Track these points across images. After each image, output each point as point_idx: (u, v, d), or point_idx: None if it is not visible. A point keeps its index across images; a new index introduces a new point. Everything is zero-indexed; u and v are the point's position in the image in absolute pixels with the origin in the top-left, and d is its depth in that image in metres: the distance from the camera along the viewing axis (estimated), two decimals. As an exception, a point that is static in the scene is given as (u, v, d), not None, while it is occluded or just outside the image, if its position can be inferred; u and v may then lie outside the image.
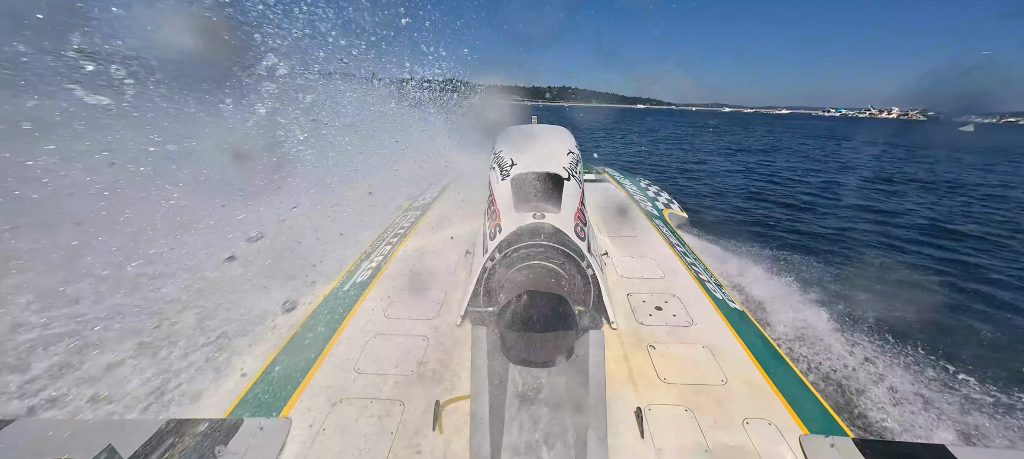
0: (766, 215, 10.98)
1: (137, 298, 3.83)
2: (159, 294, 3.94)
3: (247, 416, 1.99)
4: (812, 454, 1.83)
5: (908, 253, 8.33)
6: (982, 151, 31.46)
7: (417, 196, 6.44)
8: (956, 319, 5.46)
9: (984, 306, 5.96)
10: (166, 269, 4.26)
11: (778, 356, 2.65)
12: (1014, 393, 3.64)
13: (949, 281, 6.80)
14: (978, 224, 10.42)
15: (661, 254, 4.01)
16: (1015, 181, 17.61)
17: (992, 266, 7.57)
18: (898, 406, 3.36)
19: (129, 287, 3.92)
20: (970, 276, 7.09)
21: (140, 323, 3.54)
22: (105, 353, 3.18)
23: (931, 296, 6.02)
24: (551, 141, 3.70)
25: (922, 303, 5.44)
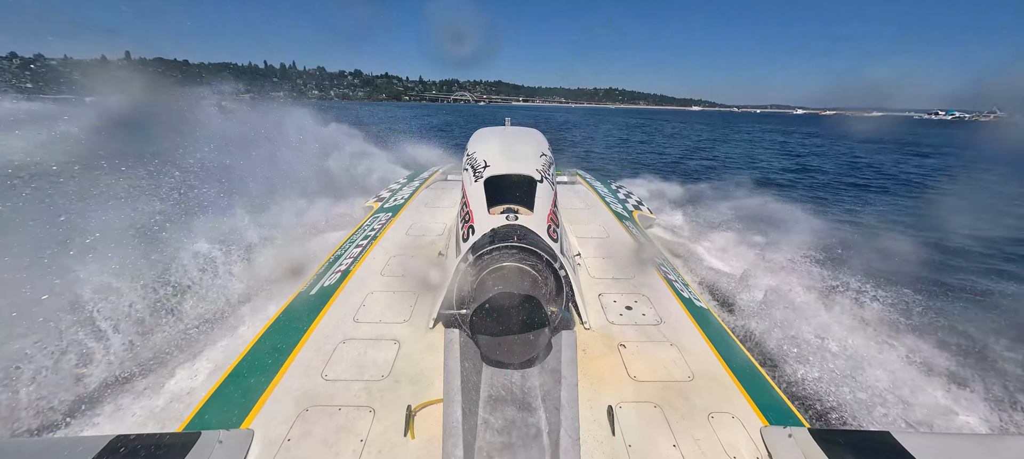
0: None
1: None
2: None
3: (205, 429, 1.89)
4: (772, 445, 1.92)
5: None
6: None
7: (387, 198, 6.31)
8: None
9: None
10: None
11: (741, 352, 2.77)
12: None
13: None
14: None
15: (631, 255, 4.11)
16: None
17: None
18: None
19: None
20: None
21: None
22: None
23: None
24: (524, 143, 3.72)
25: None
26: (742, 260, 6.29)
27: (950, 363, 3.93)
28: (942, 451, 1.44)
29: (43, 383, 3.17)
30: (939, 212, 10.64)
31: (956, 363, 3.93)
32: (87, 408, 3.12)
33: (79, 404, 3.14)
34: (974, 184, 16.25)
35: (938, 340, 4.26)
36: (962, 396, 3.55)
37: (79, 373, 3.37)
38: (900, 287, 5.27)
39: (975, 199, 12.72)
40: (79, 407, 3.12)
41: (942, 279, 6.35)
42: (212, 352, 3.71)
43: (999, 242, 8.26)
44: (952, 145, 34.47)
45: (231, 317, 4.29)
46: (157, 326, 4.03)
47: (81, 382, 3.32)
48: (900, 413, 3.27)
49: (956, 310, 5.12)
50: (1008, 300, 5.70)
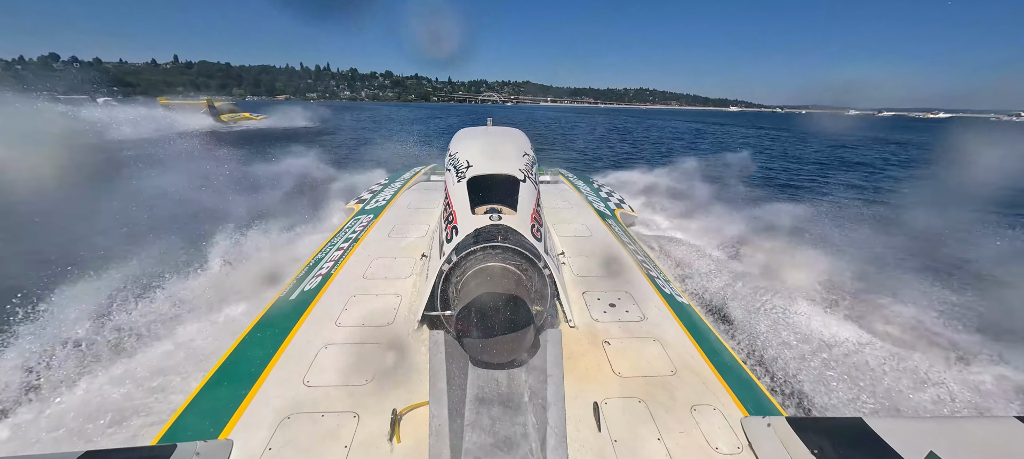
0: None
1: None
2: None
3: (181, 441, 1.82)
4: (752, 434, 1.98)
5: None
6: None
7: (369, 199, 6.22)
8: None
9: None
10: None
11: (721, 345, 2.84)
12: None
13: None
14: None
15: (614, 253, 4.16)
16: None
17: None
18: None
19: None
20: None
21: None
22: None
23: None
24: (506, 143, 3.72)
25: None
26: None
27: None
28: (911, 434, 1.50)
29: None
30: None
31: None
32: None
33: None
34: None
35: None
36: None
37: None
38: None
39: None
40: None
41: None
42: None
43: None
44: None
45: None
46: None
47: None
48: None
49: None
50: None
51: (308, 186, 11.21)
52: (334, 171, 13.11)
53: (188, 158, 14.15)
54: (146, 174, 11.06)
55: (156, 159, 13.93)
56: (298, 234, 6.67)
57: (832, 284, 5.43)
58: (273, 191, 10.40)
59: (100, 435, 2.73)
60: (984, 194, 10.73)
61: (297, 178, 12.04)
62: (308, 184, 11.48)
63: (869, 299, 5.07)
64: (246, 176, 12.09)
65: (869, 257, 6.69)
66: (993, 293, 5.34)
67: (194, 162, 13.30)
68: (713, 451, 1.93)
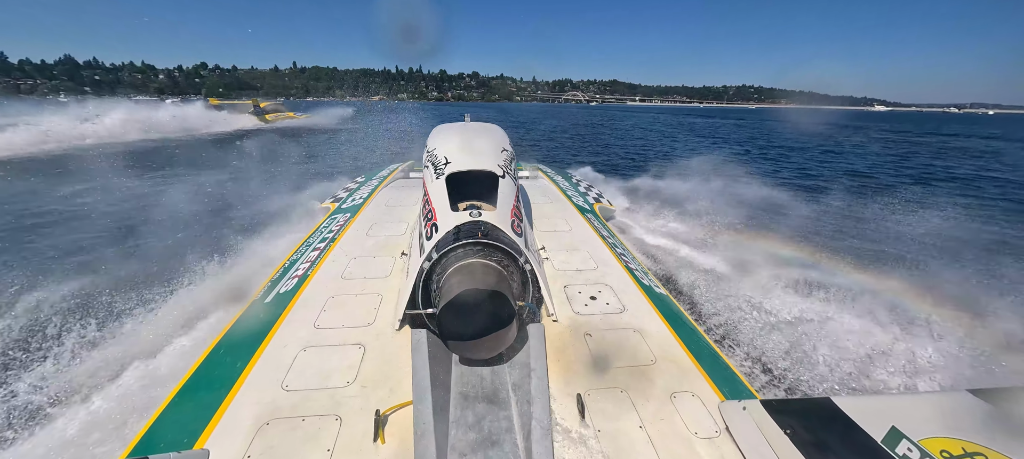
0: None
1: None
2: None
3: (153, 453, 1.75)
4: (729, 417, 2.05)
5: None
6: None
7: (345, 198, 6.09)
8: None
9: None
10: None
11: (697, 333, 2.92)
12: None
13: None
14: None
15: (593, 246, 4.21)
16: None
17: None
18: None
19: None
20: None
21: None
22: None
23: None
24: (485, 139, 3.71)
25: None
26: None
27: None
28: (874, 410, 1.59)
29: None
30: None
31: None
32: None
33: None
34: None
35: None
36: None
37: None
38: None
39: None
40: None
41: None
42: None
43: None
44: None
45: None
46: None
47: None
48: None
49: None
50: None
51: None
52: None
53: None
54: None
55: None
56: (270, 236, 6.52)
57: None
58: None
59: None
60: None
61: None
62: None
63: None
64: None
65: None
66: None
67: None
68: (692, 436, 2.00)
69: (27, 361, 3.74)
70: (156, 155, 17.24)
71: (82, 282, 5.13)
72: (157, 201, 9.17)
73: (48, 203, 9.09)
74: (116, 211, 8.76)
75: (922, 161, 21.68)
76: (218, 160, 14.33)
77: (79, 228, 7.54)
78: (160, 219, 7.75)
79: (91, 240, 6.94)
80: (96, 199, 9.44)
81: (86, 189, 10.21)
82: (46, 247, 6.67)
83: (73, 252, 6.46)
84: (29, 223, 7.85)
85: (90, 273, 5.41)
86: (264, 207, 8.42)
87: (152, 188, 10.83)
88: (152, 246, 6.63)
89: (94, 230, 7.41)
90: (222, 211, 8.42)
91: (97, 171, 12.26)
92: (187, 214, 8.04)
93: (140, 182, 11.45)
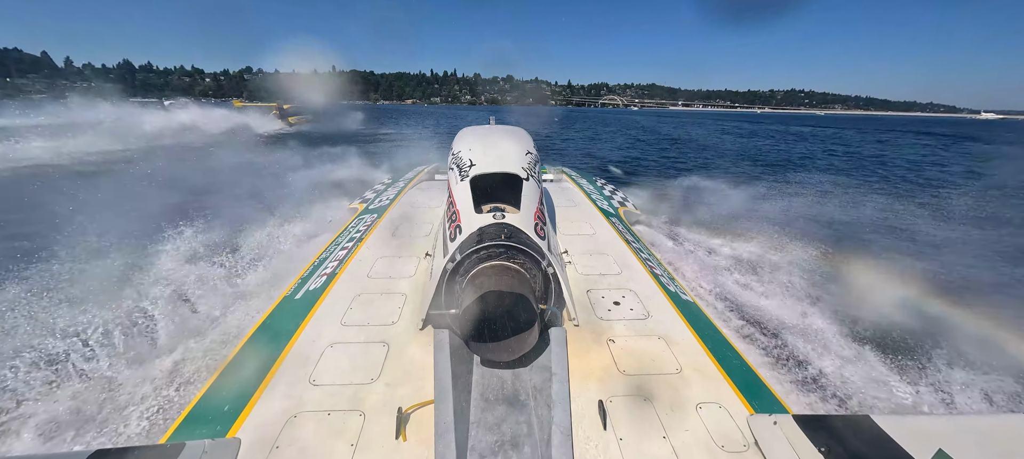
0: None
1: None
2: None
3: (189, 440, 1.84)
4: (758, 432, 1.97)
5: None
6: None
7: (372, 199, 6.24)
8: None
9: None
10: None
11: (726, 342, 2.82)
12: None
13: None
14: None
15: (618, 251, 4.15)
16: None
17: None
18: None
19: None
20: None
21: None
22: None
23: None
24: (509, 141, 3.72)
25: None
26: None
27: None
28: (919, 431, 1.49)
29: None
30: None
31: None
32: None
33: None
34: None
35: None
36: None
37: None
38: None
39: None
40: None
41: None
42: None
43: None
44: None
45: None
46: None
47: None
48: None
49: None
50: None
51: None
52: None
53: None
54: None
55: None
56: (303, 235, 6.74)
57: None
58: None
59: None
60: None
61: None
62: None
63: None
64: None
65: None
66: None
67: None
68: (719, 450, 1.92)
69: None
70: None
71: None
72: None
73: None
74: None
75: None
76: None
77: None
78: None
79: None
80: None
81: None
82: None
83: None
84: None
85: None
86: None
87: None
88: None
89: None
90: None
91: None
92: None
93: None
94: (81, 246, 5.70)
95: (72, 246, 5.66)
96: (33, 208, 8.00)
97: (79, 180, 10.21)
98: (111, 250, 5.65)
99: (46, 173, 12.23)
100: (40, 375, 3.29)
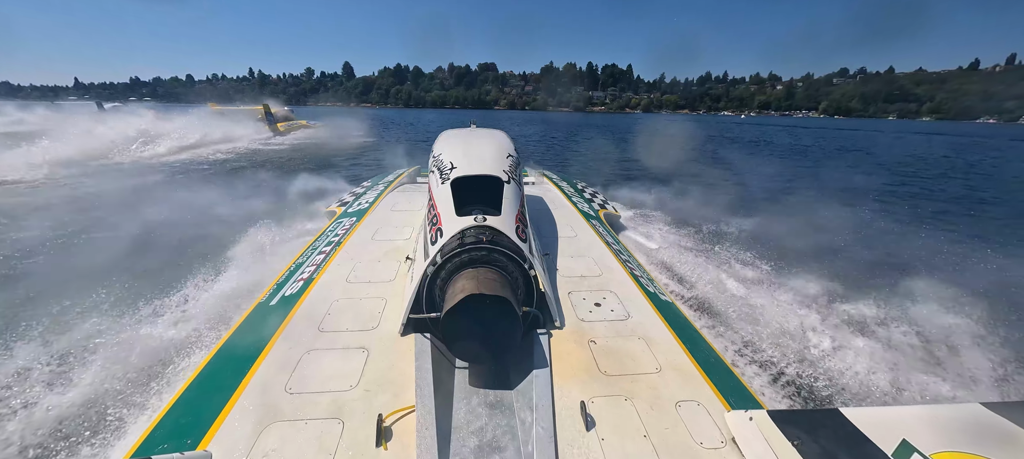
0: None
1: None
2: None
3: (155, 454, 1.76)
4: (735, 428, 2.02)
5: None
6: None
7: (351, 202, 6.13)
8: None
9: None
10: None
11: (703, 341, 2.89)
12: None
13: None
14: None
15: (598, 253, 4.20)
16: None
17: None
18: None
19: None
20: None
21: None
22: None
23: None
24: (490, 144, 3.72)
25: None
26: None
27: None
28: (884, 423, 1.56)
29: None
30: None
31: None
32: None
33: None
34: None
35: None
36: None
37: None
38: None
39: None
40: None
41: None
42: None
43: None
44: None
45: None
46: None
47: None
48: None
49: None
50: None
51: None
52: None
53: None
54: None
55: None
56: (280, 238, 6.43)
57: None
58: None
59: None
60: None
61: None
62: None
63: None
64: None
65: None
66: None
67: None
68: (698, 446, 1.97)
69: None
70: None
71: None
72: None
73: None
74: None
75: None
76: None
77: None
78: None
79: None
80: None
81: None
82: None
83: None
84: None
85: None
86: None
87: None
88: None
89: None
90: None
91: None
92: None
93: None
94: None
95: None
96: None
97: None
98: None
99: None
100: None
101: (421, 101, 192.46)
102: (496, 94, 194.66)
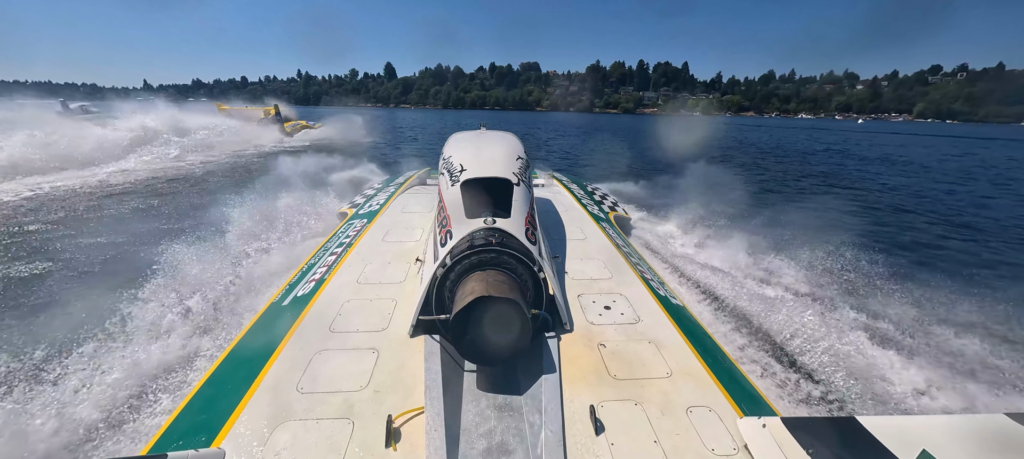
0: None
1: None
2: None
3: (171, 450, 1.80)
4: (748, 436, 1.98)
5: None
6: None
7: (362, 204, 6.19)
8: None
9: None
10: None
11: (715, 346, 2.85)
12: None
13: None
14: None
15: (608, 255, 4.17)
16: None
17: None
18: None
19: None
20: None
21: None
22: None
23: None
24: (500, 146, 3.73)
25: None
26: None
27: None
28: (903, 432, 1.52)
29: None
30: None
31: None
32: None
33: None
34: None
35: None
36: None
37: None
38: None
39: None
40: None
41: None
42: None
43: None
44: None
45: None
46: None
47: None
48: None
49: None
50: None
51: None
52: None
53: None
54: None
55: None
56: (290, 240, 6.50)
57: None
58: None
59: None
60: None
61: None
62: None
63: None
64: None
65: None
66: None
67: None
68: (709, 453, 1.93)
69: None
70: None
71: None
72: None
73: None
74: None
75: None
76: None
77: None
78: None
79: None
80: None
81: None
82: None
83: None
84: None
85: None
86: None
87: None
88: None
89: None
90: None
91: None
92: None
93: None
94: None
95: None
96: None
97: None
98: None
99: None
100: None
101: (461, 101, 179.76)
102: (539, 94, 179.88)
